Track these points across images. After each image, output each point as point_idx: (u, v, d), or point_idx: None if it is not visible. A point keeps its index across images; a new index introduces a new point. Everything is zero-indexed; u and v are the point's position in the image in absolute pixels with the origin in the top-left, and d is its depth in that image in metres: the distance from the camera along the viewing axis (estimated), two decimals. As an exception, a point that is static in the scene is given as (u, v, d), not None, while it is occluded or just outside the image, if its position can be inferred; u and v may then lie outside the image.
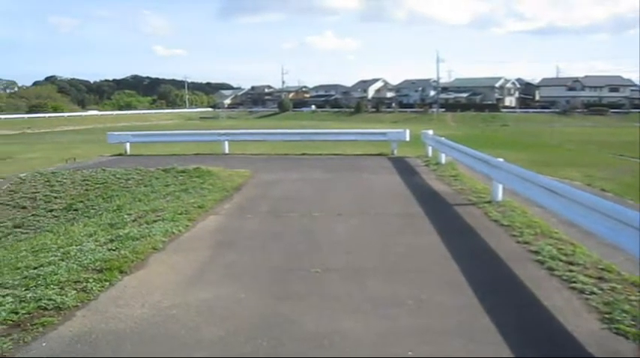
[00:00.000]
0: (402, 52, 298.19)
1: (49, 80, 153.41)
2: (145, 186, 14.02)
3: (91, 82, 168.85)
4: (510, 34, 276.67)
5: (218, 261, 7.02)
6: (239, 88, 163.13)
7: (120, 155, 21.26)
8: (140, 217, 9.53)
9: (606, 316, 4.98)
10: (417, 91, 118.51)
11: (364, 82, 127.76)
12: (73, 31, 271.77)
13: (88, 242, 7.88)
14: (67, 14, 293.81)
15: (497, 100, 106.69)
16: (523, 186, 9.13)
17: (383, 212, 10.11)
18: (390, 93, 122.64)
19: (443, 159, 16.47)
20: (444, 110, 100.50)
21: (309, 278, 6.23)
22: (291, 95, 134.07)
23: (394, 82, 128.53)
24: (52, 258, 6.99)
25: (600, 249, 6.96)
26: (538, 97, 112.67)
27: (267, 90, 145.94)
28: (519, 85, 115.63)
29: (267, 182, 13.53)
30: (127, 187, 14.35)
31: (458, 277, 6.19)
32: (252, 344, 4.53)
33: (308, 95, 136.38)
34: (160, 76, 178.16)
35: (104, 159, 20.62)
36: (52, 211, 13.58)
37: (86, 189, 14.76)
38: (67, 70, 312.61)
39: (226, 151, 20.82)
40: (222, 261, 7.02)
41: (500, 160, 10.33)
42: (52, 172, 16.91)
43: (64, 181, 15.65)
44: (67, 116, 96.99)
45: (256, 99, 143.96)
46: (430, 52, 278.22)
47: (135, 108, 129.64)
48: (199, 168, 14.93)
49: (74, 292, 5.62)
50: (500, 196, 10.43)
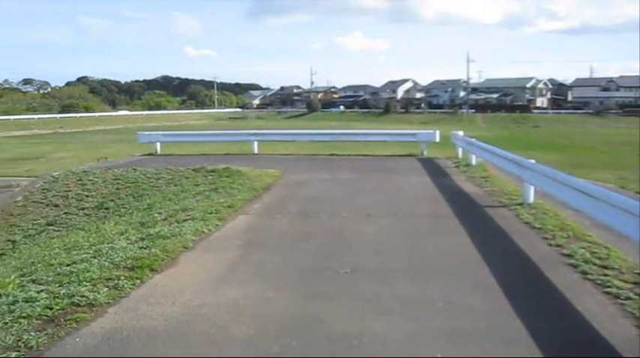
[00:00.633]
0: (432, 52, 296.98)
1: (80, 80, 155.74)
2: (175, 185, 14.16)
3: (122, 82, 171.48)
4: (542, 33, 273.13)
5: (247, 260, 7.04)
6: (268, 88, 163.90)
7: (150, 155, 21.48)
8: (170, 216, 9.62)
9: (643, 322, 4.86)
10: (446, 92, 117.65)
11: (393, 82, 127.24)
12: (104, 32, 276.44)
13: (119, 240, 7.97)
14: (99, 16, 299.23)
15: (529, 101, 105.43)
16: (555, 188, 8.98)
17: (413, 213, 10.06)
18: (420, 94, 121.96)
19: (473, 160, 16.31)
20: (473, 111, 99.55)
21: (338, 279, 6.22)
22: (320, 95, 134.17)
23: (424, 82, 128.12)
24: (84, 256, 7.07)
25: (636, 253, 6.81)
26: (571, 98, 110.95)
27: (295, 90, 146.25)
28: (551, 86, 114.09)
29: (296, 182, 13.56)
30: (158, 186, 14.52)
31: (489, 279, 6.11)
32: (281, 344, 4.52)
33: (336, 96, 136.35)
34: (190, 77, 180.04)
35: (135, 158, 20.86)
36: (83, 209, 13.80)
37: (117, 188, 14.96)
38: (99, 71, 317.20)
39: (255, 151, 20.91)
40: (252, 260, 7.04)
41: (532, 162, 10.18)
42: (84, 171, 17.15)
43: (95, 180, 15.88)
44: (98, 116, 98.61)
45: (285, 99, 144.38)
46: (460, 53, 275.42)
47: (165, 108, 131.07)
48: (229, 168, 15.01)
49: (106, 289, 5.68)
50: (532, 198, 10.29)
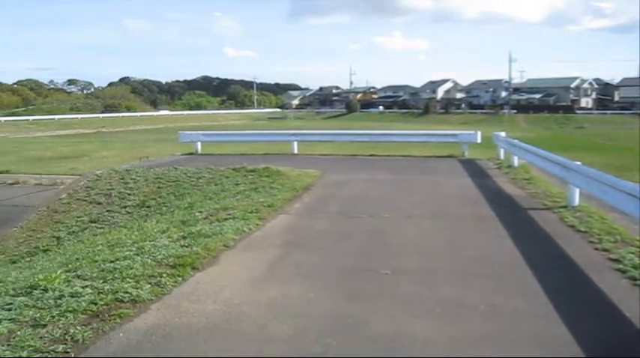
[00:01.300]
0: (473, 52, 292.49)
1: (123, 81, 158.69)
2: (216, 184, 14.28)
3: (163, 82, 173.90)
4: (588, 31, 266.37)
5: (288, 259, 7.07)
6: (307, 88, 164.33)
7: (191, 154, 21.69)
8: (211, 215, 9.71)
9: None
10: (487, 92, 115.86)
11: (433, 82, 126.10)
12: (147, 34, 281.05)
13: (161, 238, 8.08)
14: (141, 17, 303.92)
15: (573, 101, 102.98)
16: (601, 190, 8.76)
17: (454, 214, 9.94)
18: (460, 94, 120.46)
19: (515, 161, 16.04)
20: (515, 112, 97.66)
21: (378, 280, 6.19)
22: (359, 96, 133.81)
23: (464, 82, 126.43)
24: (127, 253, 7.19)
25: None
26: (617, 98, 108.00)
27: (334, 91, 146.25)
28: (597, 86, 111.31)
29: (336, 182, 13.54)
30: (198, 185, 14.65)
31: (532, 283, 5.99)
32: (321, 344, 4.52)
33: (376, 96, 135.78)
34: (230, 77, 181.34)
35: (176, 157, 21.10)
36: (125, 207, 14.03)
37: (159, 187, 15.14)
38: (141, 71, 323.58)
39: (295, 151, 20.94)
40: (292, 259, 7.06)
41: (578, 163, 9.95)
42: (127, 170, 17.37)
43: (137, 179, 16.08)
44: (140, 116, 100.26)
45: (324, 99, 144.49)
46: (502, 52, 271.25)
47: (204, 108, 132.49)
48: (269, 168, 15.07)
49: (149, 286, 5.76)
50: (577, 201, 10.05)
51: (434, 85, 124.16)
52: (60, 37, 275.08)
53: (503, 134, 18.95)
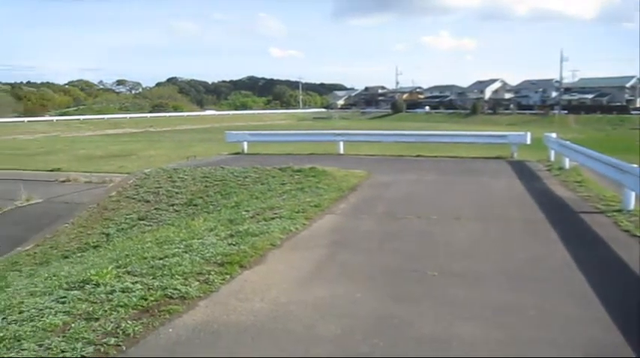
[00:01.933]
0: (523, 51, 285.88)
1: (170, 81, 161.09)
2: (262, 184, 14.36)
3: (209, 82, 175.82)
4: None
5: (334, 259, 7.06)
6: (352, 88, 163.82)
7: (237, 154, 21.85)
8: (258, 214, 9.77)
9: None
10: (537, 92, 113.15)
11: (481, 82, 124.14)
12: (193, 35, 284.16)
13: (208, 236, 8.18)
14: (189, 18, 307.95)
15: (628, 101, 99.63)
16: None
17: (503, 217, 9.76)
18: (509, 95, 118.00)
19: (567, 163, 15.64)
20: (566, 112, 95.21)
21: (425, 281, 6.12)
22: (405, 96, 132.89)
23: (513, 82, 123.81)
24: (175, 250, 7.29)
25: None
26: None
27: (380, 91, 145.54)
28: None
29: (382, 183, 13.46)
30: (245, 185, 14.75)
31: (585, 289, 5.82)
32: (368, 344, 4.50)
33: (422, 96, 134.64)
34: (275, 77, 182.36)
35: (222, 157, 21.27)
36: (173, 206, 14.22)
37: (206, 186, 15.29)
38: (188, 72, 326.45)
39: (341, 151, 20.87)
40: (339, 259, 7.05)
41: (634, 166, 9.62)
42: (174, 169, 17.58)
43: (184, 177, 16.26)
44: (187, 115, 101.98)
45: (369, 100, 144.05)
46: (553, 51, 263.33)
47: (250, 108, 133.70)
48: (315, 168, 15.06)
49: (197, 283, 5.83)
50: (633, 205, 9.73)
51: (481, 85, 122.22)
52: (110, 38, 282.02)
53: (554, 135, 18.50)
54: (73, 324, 4.72)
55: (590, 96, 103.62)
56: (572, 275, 6.28)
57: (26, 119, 79.68)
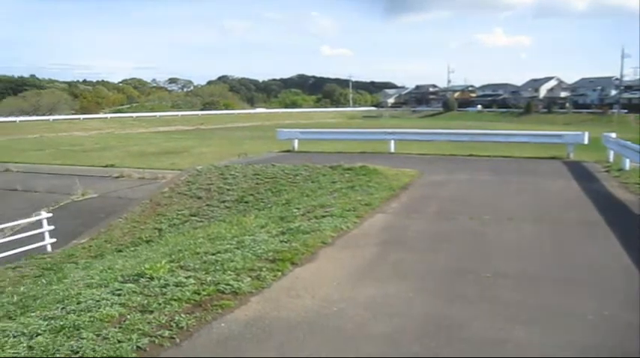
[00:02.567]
0: (581, 48, 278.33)
1: (221, 79, 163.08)
2: (312, 181, 14.37)
3: (260, 81, 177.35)
4: None
5: (386, 259, 7.00)
6: (403, 87, 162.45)
7: (288, 151, 21.96)
8: (309, 212, 9.77)
9: None
10: (595, 91, 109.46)
11: (535, 80, 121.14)
12: (244, 34, 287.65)
13: (260, 233, 8.23)
14: (240, 18, 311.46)
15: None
16: None
17: (559, 219, 9.48)
18: (564, 93, 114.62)
19: (627, 164, 15.13)
20: (626, 111, 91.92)
21: (479, 283, 6.00)
22: (457, 94, 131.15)
23: (569, 80, 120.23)
24: (227, 246, 7.38)
25: None
26: None
27: (431, 89, 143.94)
28: None
29: (434, 182, 13.30)
30: (295, 182, 14.80)
31: (647, 295, 5.58)
32: (420, 344, 4.45)
33: (474, 94, 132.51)
34: (325, 75, 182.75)
35: (273, 154, 21.40)
36: (224, 202, 14.39)
37: (256, 183, 15.41)
38: (238, 70, 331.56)
39: (392, 150, 20.75)
40: (390, 259, 6.99)
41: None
42: (226, 166, 17.77)
43: (236, 174, 16.42)
44: (237, 113, 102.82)
45: (420, 98, 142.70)
46: (614, 48, 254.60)
47: (300, 106, 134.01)
48: (366, 166, 14.98)
49: (249, 279, 5.87)
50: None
51: (536, 83, 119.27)
52: (163, 37, 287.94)
53: (613, 135, 17.93)
54: (128, 316, 4.83)
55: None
56: (635, 282, 6.03)
57: (82, 116, 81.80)
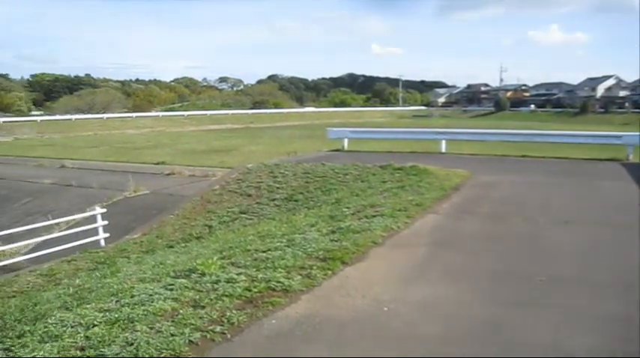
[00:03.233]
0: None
1: (271, 78, 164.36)
2: (362, 181, 14.30)
3: (309, 79, 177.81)
4: None
5: (437, 260, 6.93)
6: (454, 86, 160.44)
7: (337, 150, 21.91)
8: (359, 211, 9.72)
9: None
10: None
11: (592, 79, 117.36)
12: (294, 33, 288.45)
13: (310, 231, 8.25)
14: (290, 17, 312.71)
15: None
16: None
17: (619, 223, 9.13)
18: (624, 92, 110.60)
19: (692, 167, 14.54)
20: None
21: (532, 286, 5.86)
22: (509, 94, 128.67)
23: (630, 79, 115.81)
24: (277, 244, 7.42)
25: None
26: None
27: (483, 88, 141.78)
28: None
29: (486, 183, 13.05)
30: (345, 182, 14.75)
31: None
32: (471, 348, 4.38)
33: (527, 94, 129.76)
34: (375, 75, 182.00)
35: (322, 153, 21.40)
36: (274, 200, 14.46)
37: (306, 182, 15.43)
38: (288, 69, 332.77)
39: (443, 150, 20.51)
40: (441, 260, 6.91)
41: None
42: (276, 164, 17.84)
43: (285, 173, 16.47)
44: (286, 112, 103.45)
45: (471, 97, 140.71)
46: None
47: (349, 105, 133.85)
48: (416, 166, 14.82)
49: (299, 277, 5.89)
50: None
51: (593, 82, 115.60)
52: (214, 37, 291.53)
53: (677, 136, 17.26)
54: (181, 310, 4.91)
55: None
56: None
57: (134, 114, 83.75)
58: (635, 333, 4.63)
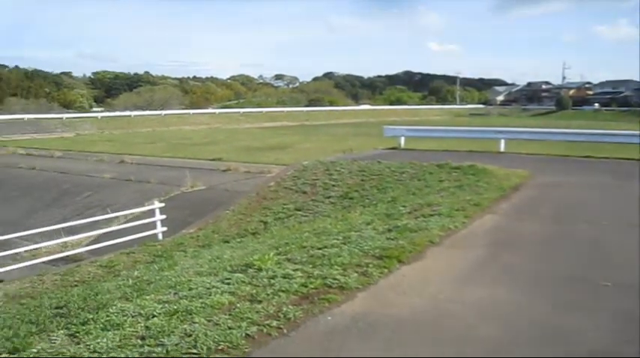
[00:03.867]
0: None
1: (326, 76, 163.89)
2: (419, 180, 14.17)
3: (365, 77, 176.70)
4: None
5: (495, 261, 6.80)
6: (513, 84, 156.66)
7: (393, 148, 21.78)
8: (415, 210, 9.65)
9: None
10: None
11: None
12: (350, 30, 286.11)
13: (366, 229, 8.23)
14: (346, 15, 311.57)
15: None
16: None
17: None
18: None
19: None
20: None
21: (596, 291, 5.66)
22: (571, 92, 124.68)
23: None
24: (333, 241, 7.43)
25: None
26: None
27: (544, 86, 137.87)
28: None
29: (547, 184, 12.72)
30: (401, 180, 14.65)
31: None
32: (529, 351, 4.29)
33: (591, 92, 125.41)
34: (432, 72, 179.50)
35: (378, 151, 21.31)
36: (329, 198, 14.47)
37: (362, 180, 15.39)
38: (344, 66, 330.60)
39: (502, 149, 20.09)
40: (500, 261, 6.78)
41: None
42: (331, 162, 17.85)
43: (341, 170, 16.46)
44: (342, 109, 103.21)
45: (531, 96, 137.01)
46: None
47: (405, 103, 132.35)
48: (474, 166, 14.58)
49: (356, 275, 5.87)
50: None
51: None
52: (270, 35, 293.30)
53: None
54: (238, 304, 4.98)
55: None
56: None
57: (191, 111, 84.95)
58: None
